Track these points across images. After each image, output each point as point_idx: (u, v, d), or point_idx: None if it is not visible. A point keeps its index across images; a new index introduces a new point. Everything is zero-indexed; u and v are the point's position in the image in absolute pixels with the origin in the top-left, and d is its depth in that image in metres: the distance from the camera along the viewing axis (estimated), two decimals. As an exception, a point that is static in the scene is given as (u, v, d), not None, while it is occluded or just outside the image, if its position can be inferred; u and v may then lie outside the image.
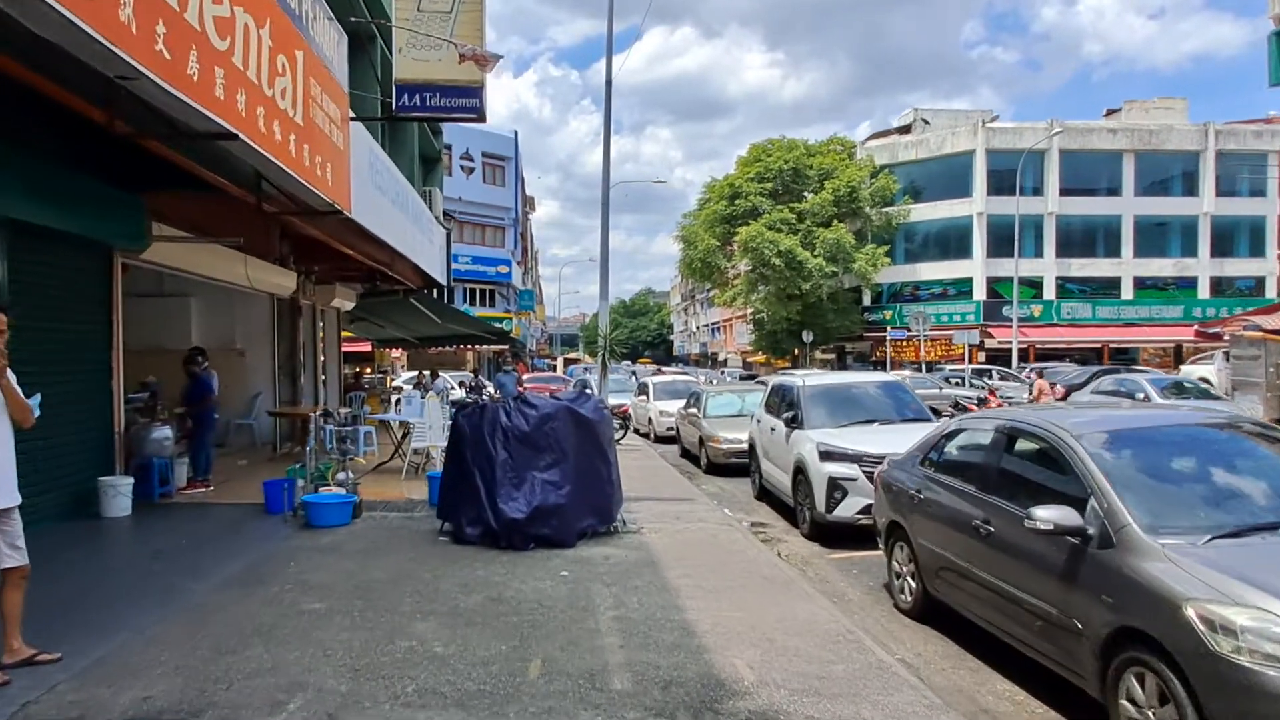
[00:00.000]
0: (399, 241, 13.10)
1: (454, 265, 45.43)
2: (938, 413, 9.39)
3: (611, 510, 7.84)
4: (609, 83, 16.85)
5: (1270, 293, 44.76)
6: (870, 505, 7.89)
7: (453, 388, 21.93)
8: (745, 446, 12.83)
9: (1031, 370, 32.82)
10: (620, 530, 7.98)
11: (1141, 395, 16.58)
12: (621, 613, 5.46)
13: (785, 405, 10.09)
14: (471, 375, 24.15)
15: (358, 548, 7.17)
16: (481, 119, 9.29)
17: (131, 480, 8.41)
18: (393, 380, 26.73)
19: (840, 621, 5.45)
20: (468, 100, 8.98)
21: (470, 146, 46.12)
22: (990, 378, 31.89)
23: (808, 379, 9.96)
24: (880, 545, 6.60)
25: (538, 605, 5.58)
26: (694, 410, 15.58)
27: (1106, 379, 18.83)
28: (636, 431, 21.43)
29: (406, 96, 9.03)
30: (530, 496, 7.12)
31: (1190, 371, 25.74)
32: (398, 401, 17.61)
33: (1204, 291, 44.95)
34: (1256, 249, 45.31)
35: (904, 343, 46.18)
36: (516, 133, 49.73)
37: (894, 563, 6.22)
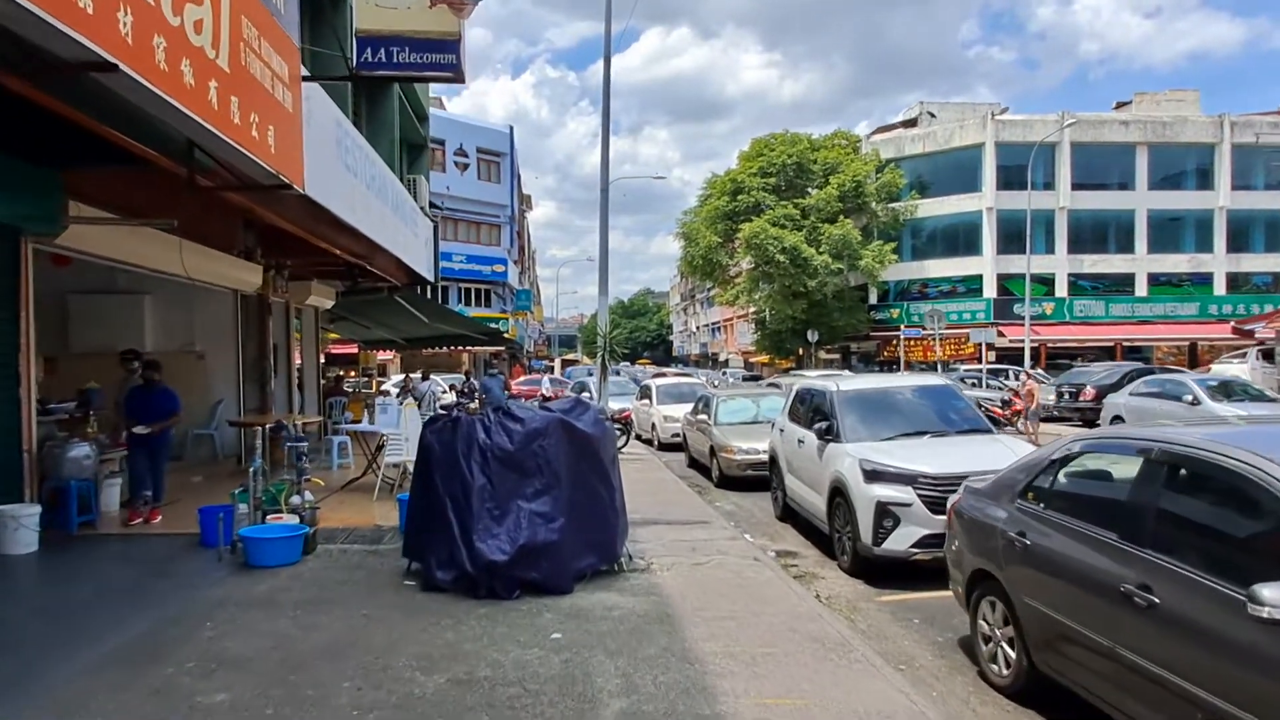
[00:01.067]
0: (377, 232, 11.73)
1: (448, 264, 44.28)
2: (996, 423, 8.01)
3: (615, 544, 6.45)
4: (607, 58, 15.50)
5: (1288, 288, 43.50)
6: (928, 537, 6.52)
7: (444, 391, 20.54)
8: (762, 458, 11.45)
9: (1023, 371, 31.45)
10: (625, 568, 6.60)
11: (1189, 398, 15.20)
12: (633, 703, 4.07)
13: (815, 414, 8.71)
14: (464, 378, 22.77)
15: (300, 597, 5.77)
16: (459, 79, 7.88)
17: (38, 509, 7.01)
18: (382, 384, 25.29)
19: (924, 713, 4.06)
20: (442, 56, 7.58)
21: (464, 141, 44.73)
22: (1008, 378, 30.55)
23: (842, 383, 8.56)
24: (958, 598, 5.20)
25: (520, 690, 4.19)
26: (703, 417, 14.17)
27: (1142, 380, 17.45)
28: (639, 438, 20.04)
29: (370, 51, 7.63)
30: (515, 532, 5.73)
31: (1221, 370, 24.38)
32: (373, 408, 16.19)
33: (1220, 288, 43.59)
34: (1273, 244, 43.96)
35: (911, 342, 44.87)
36: (512, 128, 48.31)
37: (982, 622, 4.83)
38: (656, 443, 18.62)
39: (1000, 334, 40.31)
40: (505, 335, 46.27)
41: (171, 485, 9.12)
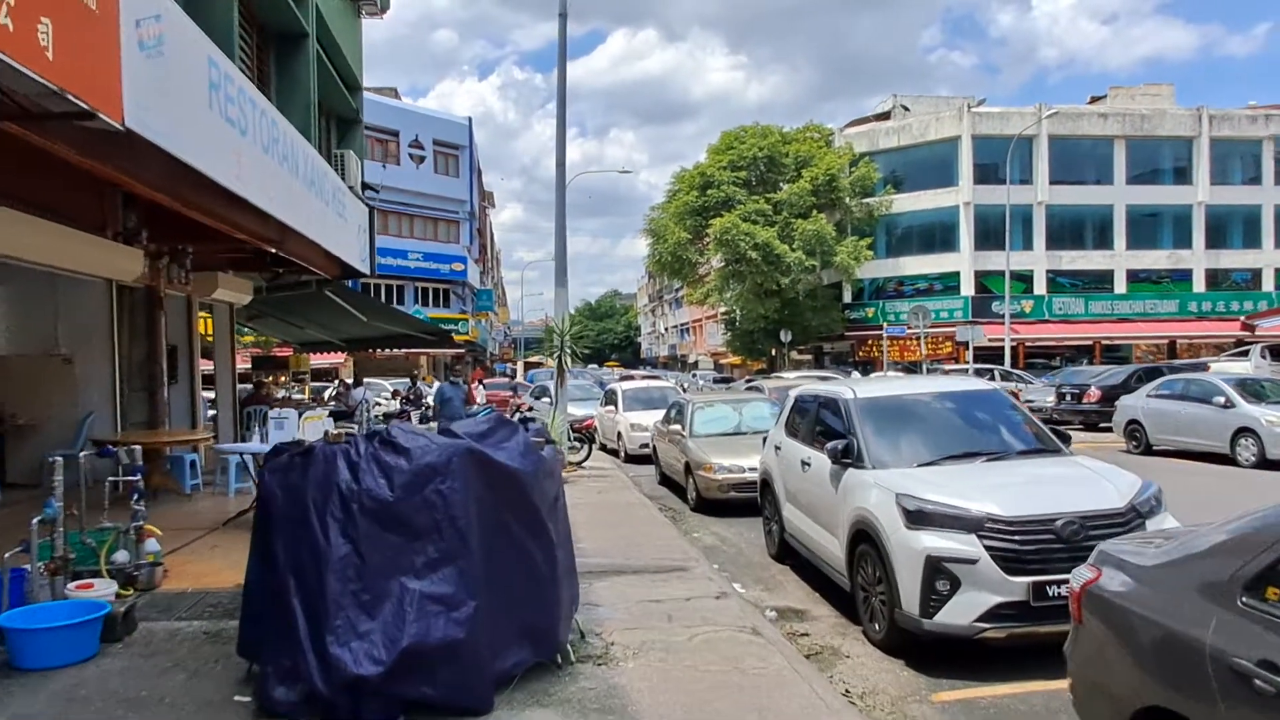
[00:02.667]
0: (286, 210, 9.61)
1: (403, 261, 41.85)
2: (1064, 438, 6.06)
3: (556, 627, 4.42)
4: (563, 13, 13.52)
5: (1267, 285, 42.71)
6: (1004, 607, 4.59)
7: (379, 401, 18.30)
8: (749, 477, 9.51)
9: (996, 372, 29.97)
10: (573, 658, 4.57)
11: (1221, 400, 13.53)
12: None
13: (822, 428, 6.76)
14: (409, 382, 20.48)
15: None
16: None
17: None
18: (322, 390, 22.89)
19: None
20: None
21: (420, 133, 42.39)
22: (993, 378, 29.04)
23: (858, 388, 6.59)
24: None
25: None
26: (676, 427, 12.15)
27: (1162, 380, 15.78)
28: (604, 448, 18.02)
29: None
30: (395, 628, 3.68)
31: (1223, 368, 22.96)
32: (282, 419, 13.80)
33: (1199, 284, 42.67)
34: (1251, 240, 43.14)
35: (887, 341, 43.33)
36: (470, 119, 46.03)
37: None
38: (623, 454, 16.61)
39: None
40: (465, 337, 44.11)
41: (5, 523, 6.93)
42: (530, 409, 15.16)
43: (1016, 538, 4.68)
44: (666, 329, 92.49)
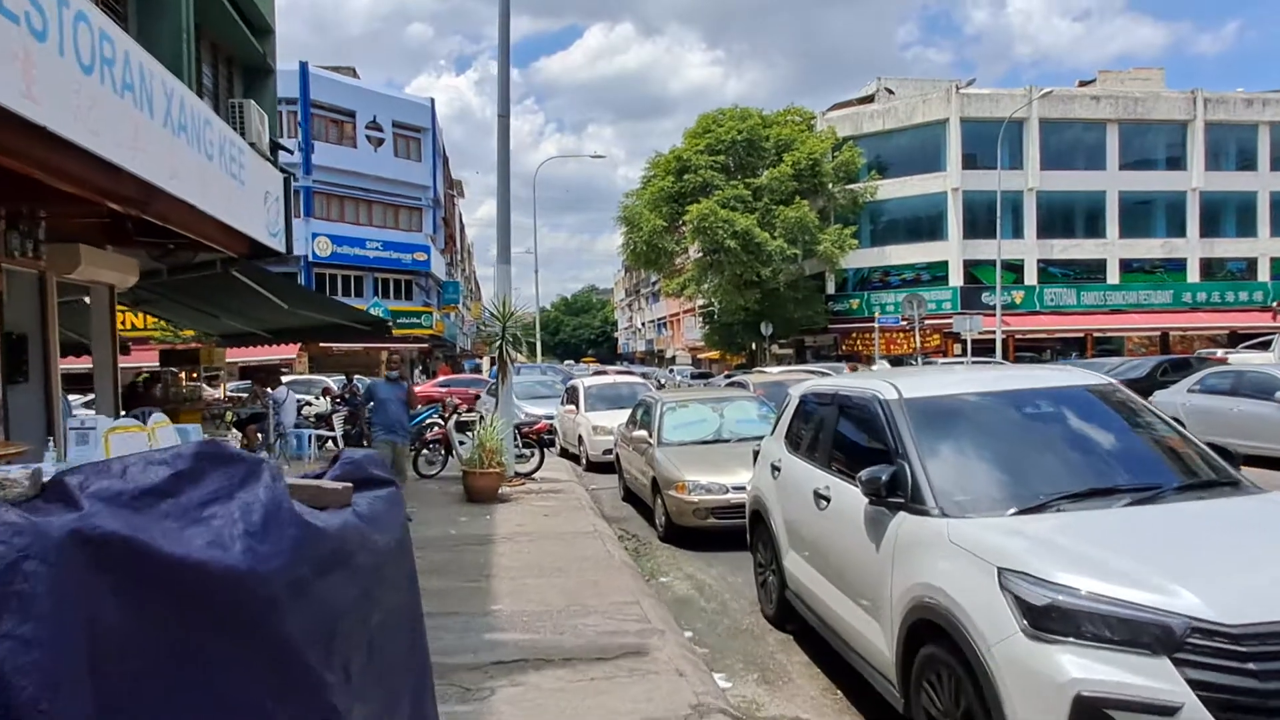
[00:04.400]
0: (139, 158, 7.30)
1: (360, 250, 39.08)
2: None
3: None
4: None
5: (1262, 275, 41.24)
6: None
7: (310, 401, 15.86)
8: (735, 500, 7.30)
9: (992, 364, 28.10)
10: None
11: (1287, 395, 11.48)
12: None
13: (846, 444, 4.54)
14: (344, 380, 18.04)
15: None
16: None
17: None
18: (240, 390, 20.27)
19: None
20: None
21: (378, 113, 39.74)
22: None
23: (903, 383, 4.27)
24: None
25: None
26: (642, 433, 9.80)
27: (1208, 373, 13.75)
28: (565, 453, 15.74)
29: None
30: None
31: (1244, 359, 21.12)
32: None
33: (1193, 274, 41.09)
34: (1246, 228, 41.62)
35: (870, 335, 41.37)
36: (433, 100, 43.40)
37: None
38: (585, 460, 14.33)
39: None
40: (429, 330, 41.44)
41: None
42: (467, 408, 12.81)
43: (1252, 664, 2.46)
44: (643, 324, 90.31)
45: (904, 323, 28.34)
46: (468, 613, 5.40)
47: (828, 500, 4.47)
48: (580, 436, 14.64)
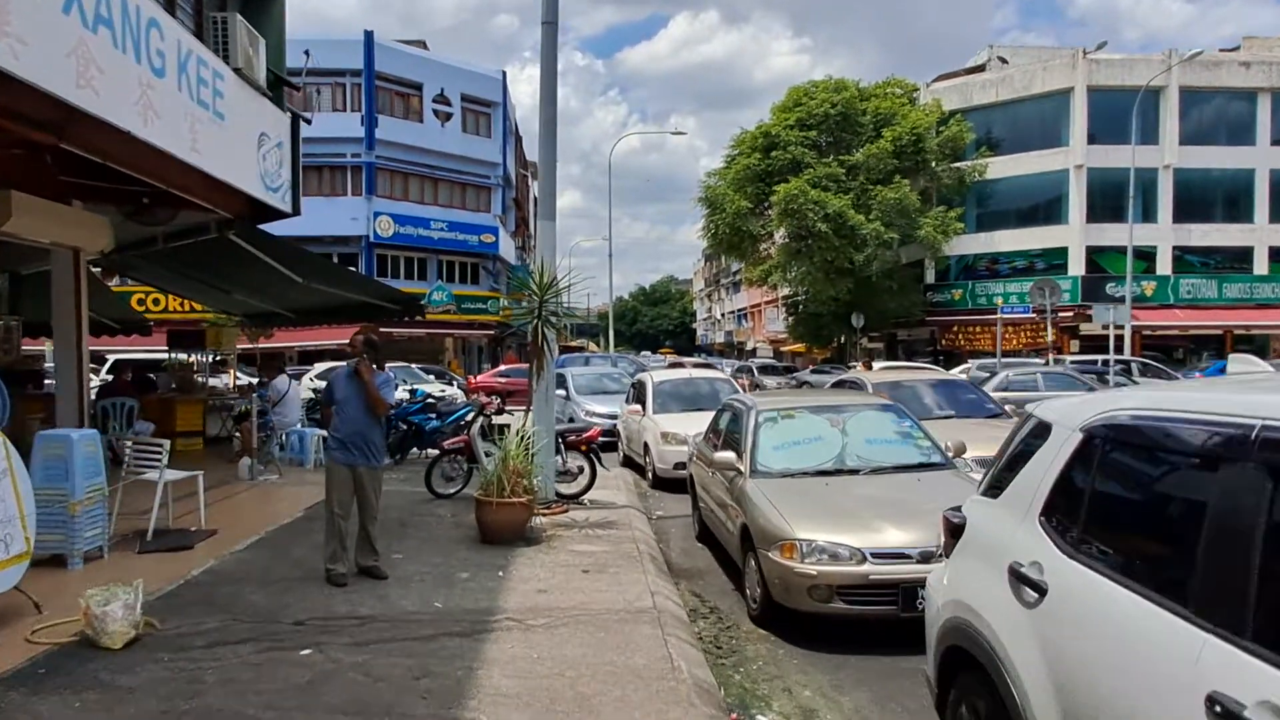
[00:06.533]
0: (14, 53, 4.95)
1: (425, 231, 36.87)
2: None
3: None
4: None
5: None
6: None
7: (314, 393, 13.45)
8: (882, 574, 4.38)
9: (1134, 365, 24.14)
10: None
11: None
12: None
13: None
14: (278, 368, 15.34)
15: None
16: None
17: None
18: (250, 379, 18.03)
19: None
20: None
21: (446, 86, 37.65)
22: (1128, 371, 23.16)
23: None
24: None
25: None
26: (728, 455, 6.67)
27: None
28: (629, 463, 12.98)
29: None
30: None
31: None
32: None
33: (1359, 264, 35.70)
34: None
35: (973, 327, 37.30)
36: (504, 72, 41.10)
37: None
38: (651, 474, 11.52)
39: (1085, 318, 32.63)
40: (496, 318, 39.06)
41: None
42: (504, 408, 10.08)
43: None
44: (723, 315, 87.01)
45: (1034, 314, 24.45)
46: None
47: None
48: (646, 444, 11.82)
